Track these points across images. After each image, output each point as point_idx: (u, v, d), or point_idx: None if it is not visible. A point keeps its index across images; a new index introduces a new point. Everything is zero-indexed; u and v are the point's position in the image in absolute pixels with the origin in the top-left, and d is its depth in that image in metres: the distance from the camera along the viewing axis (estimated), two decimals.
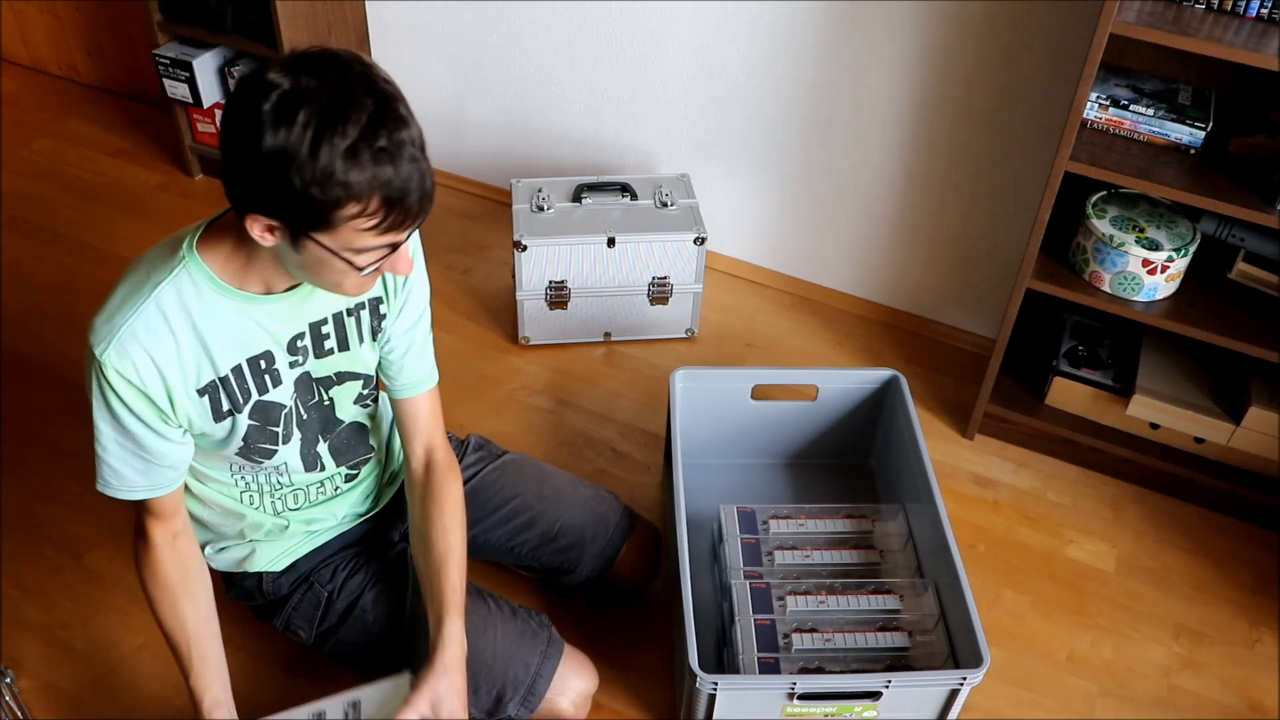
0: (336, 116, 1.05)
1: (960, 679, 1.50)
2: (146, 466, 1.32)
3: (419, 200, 1.11)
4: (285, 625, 1.59)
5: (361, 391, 1.48)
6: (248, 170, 1.08)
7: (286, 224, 1.12)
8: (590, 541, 1.71)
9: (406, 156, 1.08)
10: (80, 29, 3.11)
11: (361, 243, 1.13)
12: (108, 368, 1.22)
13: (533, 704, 1.53)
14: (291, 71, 1.07)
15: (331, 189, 1.06)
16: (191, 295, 1.24)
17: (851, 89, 2.24)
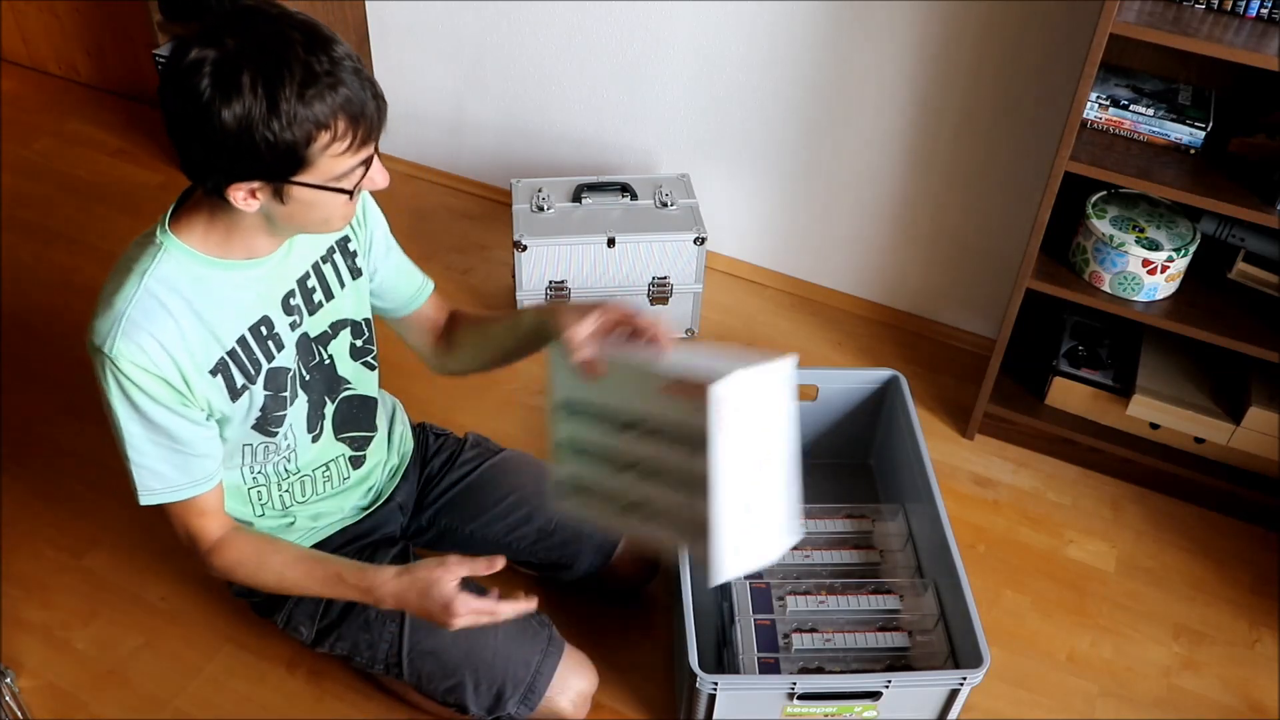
0: (277, 63, 1.07)
1: (960, 679, 1.50)
2: (184, 460, 1.32)
3: (376, 106, 1.15)
4: (286, 622, 1.59)
5: (355, 342, 1.49)
6: (214, 149, 1.10)
7: (267, 179, 1.14)
8: (588, 536, 1.72)
9: (349, 70, 1.12)
10: (80, 29, 3.11)
11: (340, 167, 1.15)
12: (121, 360, 1.21)
13: (532, 702, 1.53)
14: (211, 40, 1.07)
15: (300, 128, 1.09)
16: (178, 274, 1.24)
17: (852, 88, 2.24)
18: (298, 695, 1.73)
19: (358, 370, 1.52)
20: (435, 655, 1.53)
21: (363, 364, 1.52)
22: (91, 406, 2.19)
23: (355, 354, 1.50)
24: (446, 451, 1.76)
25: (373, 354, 1.54)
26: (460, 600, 1.33)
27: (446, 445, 1.77)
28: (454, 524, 1.73)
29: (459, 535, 1.74)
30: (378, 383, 1.59)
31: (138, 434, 1.28)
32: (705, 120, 2.44)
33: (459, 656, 1.52)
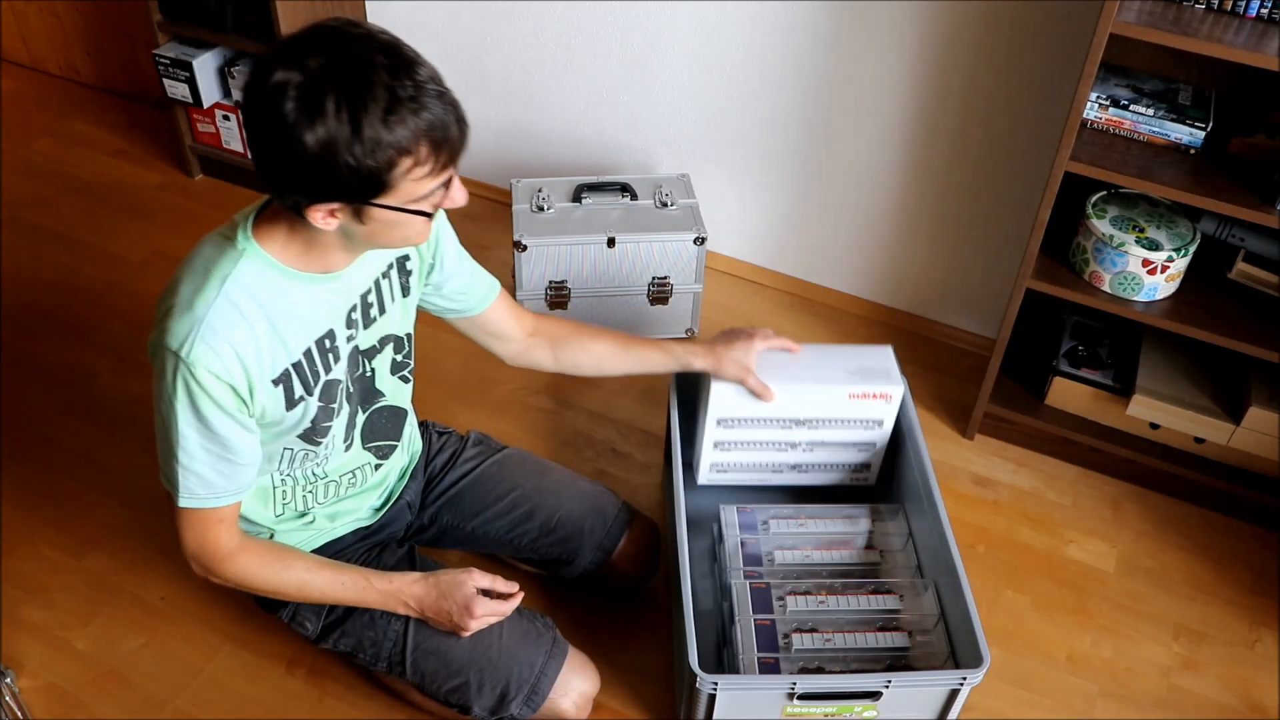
0: (361, 87, 1.07)
1: (960, 679, 1.50)
2: (232, 469, 1.31)
3: (458, 130, 1.16)
4: (292, 616, 1.59)
5: (396, 357, 1.50)
6: (295, 170, 1.10)
7: (347, 201, 1.14)
8: (589, 533, 1.72)
9: (432, 94, 1.12)
10: (80, 29, 3.11)
11: (421, 190, 1.16)
12: (197, 366, 1.20)
13: (536, 703, 1.53)
14: (295, 62, 1.07)
15: (383, 154, 1.09)
16: (258, 283, 1.24)
17: (851, 88, 2.24)
18: (298, 695, 1.73)
19: (395, 384, 1.53)
20: (439, 655, 1.53)
21: (399, 378, 1.53)
22: (91, 406, 2.19)
23: (394, 368, 1.51)
24: (449, 450, 1.77)
25: (409, 368, 1.55)
26: (479, 601, 1.45)
27: (449, 444, 1.78)
28: (456, 521, 1.73)
29: (461, 532, 1.74)
30: (411, 396, 1.59)
31: (193, 440, 1.27)
32: (705, 120, 2.44)
33: (463, 657, 1.52)
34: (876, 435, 1.87)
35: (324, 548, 1.57)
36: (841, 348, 1.88)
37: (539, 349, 1.66)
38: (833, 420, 1.84)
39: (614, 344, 1.68)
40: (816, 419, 1.82)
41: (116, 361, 2.31)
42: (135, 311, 2.44)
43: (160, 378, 1.24)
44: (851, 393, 1.78)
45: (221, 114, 2.71)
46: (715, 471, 1.86)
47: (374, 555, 1.60)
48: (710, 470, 1.87)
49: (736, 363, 1.68)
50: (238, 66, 2.62)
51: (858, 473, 1.93)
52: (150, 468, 2.06)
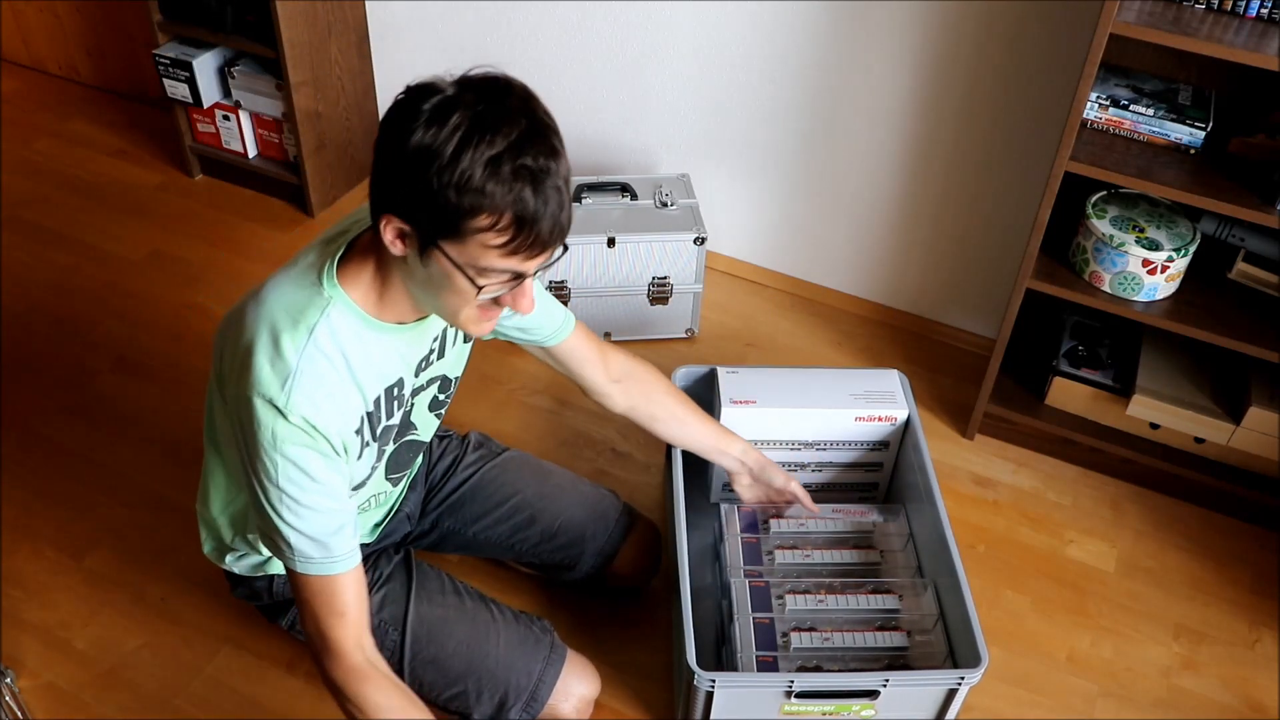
0: (487, 126, 1.06)
1: (958, 679, 1.50)
2: (339, 524, 1.25)
3: (551, 228, 1.10)
4: (291, 624, 1.59)
5: (439, 396, 1.49)
6: (392, 165, 1.10)
7: (418, 228, 1.11)
8: (590, 539, 1.72)
9: (549, 184, 1.09)
10: (80, 29, 3.11)
11: (486, 261, 1.11)
12: (296, 416, 1.17)
13: (535, 710, 1.53)
14: (460, 84, 1.09)
15: (467, 195, 1.06)
16: (343, 330, 1.22)
17: (852, 88, 2.24)
18: (298, 695, 1.73)
19: (428, 419, 1.51)
20: (437, 664, 1.52)
21: (435, 414, 1.52)
22: (91, 406, 2.19)
23: (433, 405, 1.49)
24: (450, 455, 1.76)
25: (446, 406, 1.54)
26: None
27: (450, 448, 1.77)
28: (457, 526, 1.73)
29: (462, 537, 1.74)
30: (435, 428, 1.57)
31: (298, 495, 1.21)
32: (705, 120, 2.44)
33: (461, 666, 1.52)
34: (883, 457, 1.88)
35: None
36: (848, 371, 1.91)
37: (618, 391, 1.66)
38: (839, 443, 1.86)
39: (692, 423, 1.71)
40: (823, 441, 1.85)
41: (116, 361, 2.31)
42: (135, 311, 2.44)
43: (254, 428, 1.19)
44: (858, 416, 1.81)
45: (221, 114, 2.71)
46: (727, 490, 1.87)
47: (370, 563, 1.59)
48: (721, 489, 1.88)
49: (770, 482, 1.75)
50: (238, 66, 2.62)
51: (864, 494, 1.95)
52: (150, 467, 2.07)
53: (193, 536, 1.91)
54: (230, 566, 1.55)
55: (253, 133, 2.75)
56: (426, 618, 1.54)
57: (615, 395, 1.66)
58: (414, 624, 1.53)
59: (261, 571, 1.55)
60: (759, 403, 1.81)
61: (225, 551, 1.53)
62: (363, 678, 1.28)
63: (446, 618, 1.55)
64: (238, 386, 1.20)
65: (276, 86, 2.57)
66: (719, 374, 1.86)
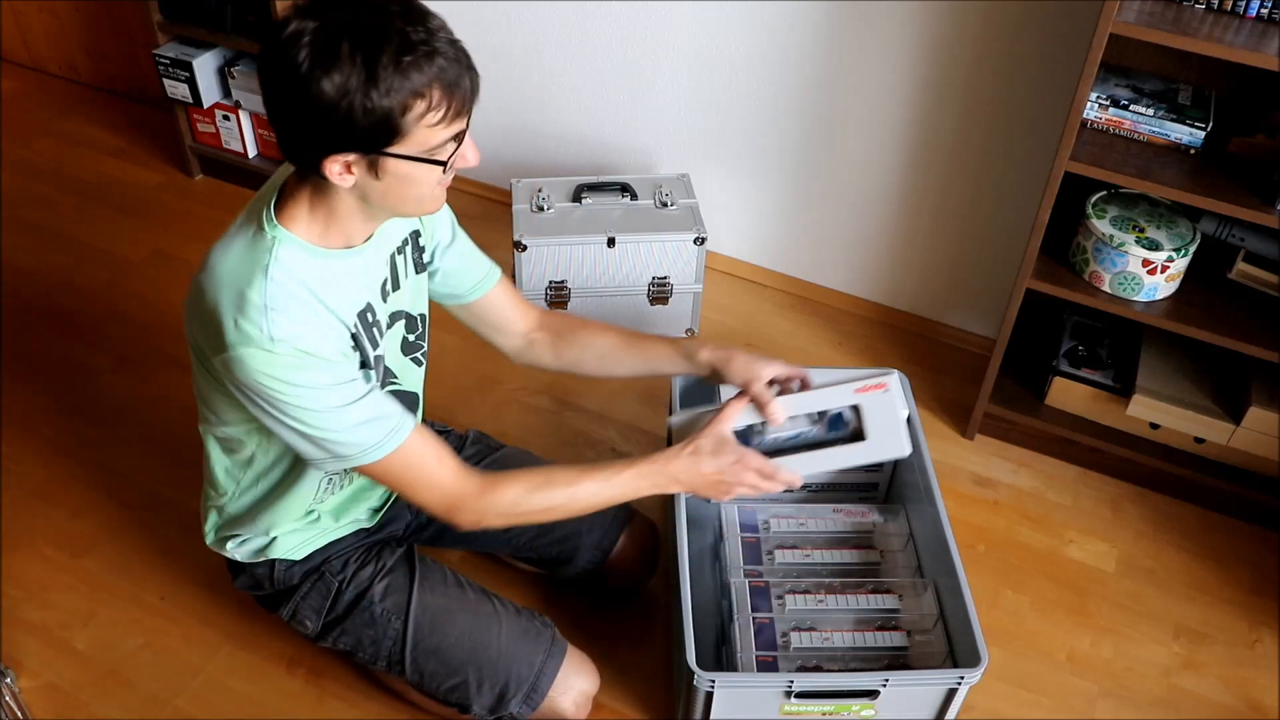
0: (376, 35, 1.08)
1: (958, 678, 1.50)
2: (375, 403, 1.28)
3: (470, 78, 1.17)
4: (292, 615, 1.59)
5: (407, 336, 1.48)
6: (311, 120, 1.11)
7: (363, 151, 1.14)
8: (587, 532, 1.72)
9: (444, 41, 1.14)
10: (80, 29, 3.11)
11: (434, 139, 1.16)
12: (281, 346, 1.19)
13: (535, 702, 1.53)
14: (310, 13, 1.09)
15: (397, 95, 1.10)
16: (296, 264, 1.23)
17: (852, 88, 2.24)
18: (298, 695, 1.73)
19: (404, 365, 1.50)
20: (438, 654, 1.53)
21: (411, 359, 1.51)
22: (91, 406, 2.19)
23: (405, 348, 1.49)
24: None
25: (422, 350, 1.54)
26: (750, 454, 1.44)
27: (448, 442, 1.77)
28: None
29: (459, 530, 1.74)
30: (423, 380, 1.57)
31: (325, 404, 1.23)
32: (705, 120, 2.44)
33: (463, 655, 1.53)
34: None
35: (325, 548, 1.57)
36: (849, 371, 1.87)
37: (541, 344, 1.62)
38: None
39: (619, 339, 1.63)
40: None
41: (116, 361, 2.31)
42: (135, 311, 2.44)
43: (253, 377, 1.20)
44: None
45: (221, 114, 2.71)
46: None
47: (374, 554, 1.60)
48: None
49: (745, 366, 1.55)
50: (238, 66, 2.62)
51: (864, 494, 1.94)
52: (150, 467, 2.07)
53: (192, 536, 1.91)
54: (232, 553, 1.55)
55: (253, 133, 2.75)
56: (429, 606, 1.55)
57: (540, 349, 1.63)
58: (417, 612, 1.54)
59: (264, 556, 1.55)
60: None
61: (228, 539, 1.54)
62: (482, 492, 1.36)
63: (449, 607, 1.56)
64: (218, 349, 1.21)
65: None
66: None
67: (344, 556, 1.58)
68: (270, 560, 1.55)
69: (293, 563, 1.56)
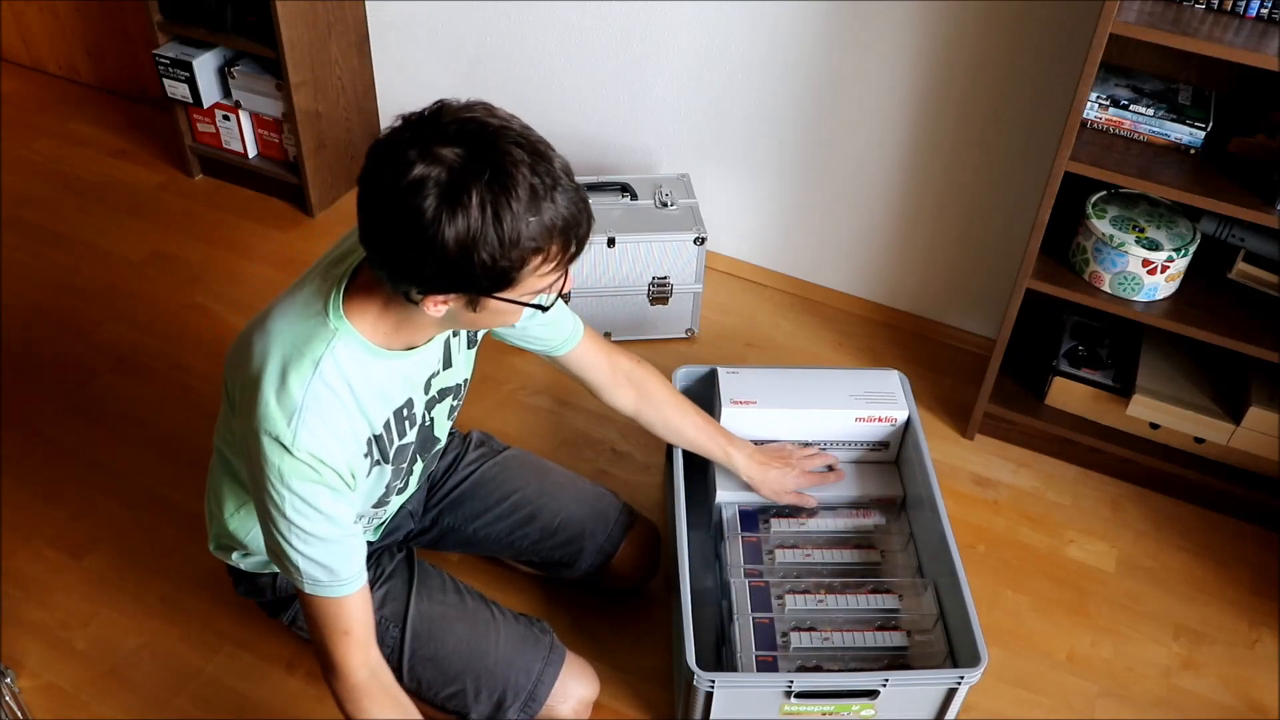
0: (505, 182, 1.05)
1: (958, 678, 1.50)
2: (347, 551, 1.28)
3: (588, 225, 1.14)
4: (293, 620, 1.59)
5: (454, 404, 1.50)
6: (427, 264, 1.07)
7: (466, 294, 1.12)
8: (590, 536, 1.72)
9: (568, 189, 1.10)
10: (80, 29, 3.11)
11: (542, 285, 1.15)
12: (302, 452, 1.18)
13: (533, 709, 1.53)
14: (432, 152, 1.04)
15: (520, 251, 1.07)
16: (348, 362, 1.22)
17: (851, 88, 2.24)
18: (298, 695, 1.73)
19: (447, 426, 1.53)
20: (436, 662, 1.52)
21: (449, 419, 1.53)
22: (91, 406, 2.19)
23: (450, 413, 1.51)
24: (451, 453, 1.76)
25: (460, 407, 1.55)
26: None
27: (451, 446, 1.77)
28: (457, 523, 1.73)
29: (462, 535, 1.74)
30: None
31: (306, 525, 1.23)
32: (705, 120, 2.44)
33: (460, 664, 1.52)
34: (883, 458, 1.88)
35: None
36: (849, 371, 1.90)
37: (625, 398, 1.69)
38: (839, 443, 1.85)
39: (693, 429, 1.73)
40: (823, 442, 1.85)
41: (116, 361, 2.31)
42: (135, 311, 2.44)
43: (261, 462, 1.20)
44: (858, 416, 1.81)
45: (221, 114, 2.71)
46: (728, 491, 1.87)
47: (373, 560, 1.59)
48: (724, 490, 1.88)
49: (777, 482, 1.77)
50: (238, 66, 2.62)
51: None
52: (150, 467, 2.07)
53: (192, 536, 1.92)
54: (236, 563, 1.55)
55: (253, 133, 2.75)
56: (427, 615, 1.54)
57: (621, 399, 1.69)
58: (414, 621, 1.53)
59: (267, 569, 1.55)
60: (759, 403, 1.81)
61: (232, 549, 1.54)
62: (364, 694, 1.32)
63: (447, 615, 1.55)
64: (246, 420, 1.21)
65: (276, 86, 2.57)
66: (719, 374, 1.86)
67: None
68: (273, 570, 1.55)
69: None
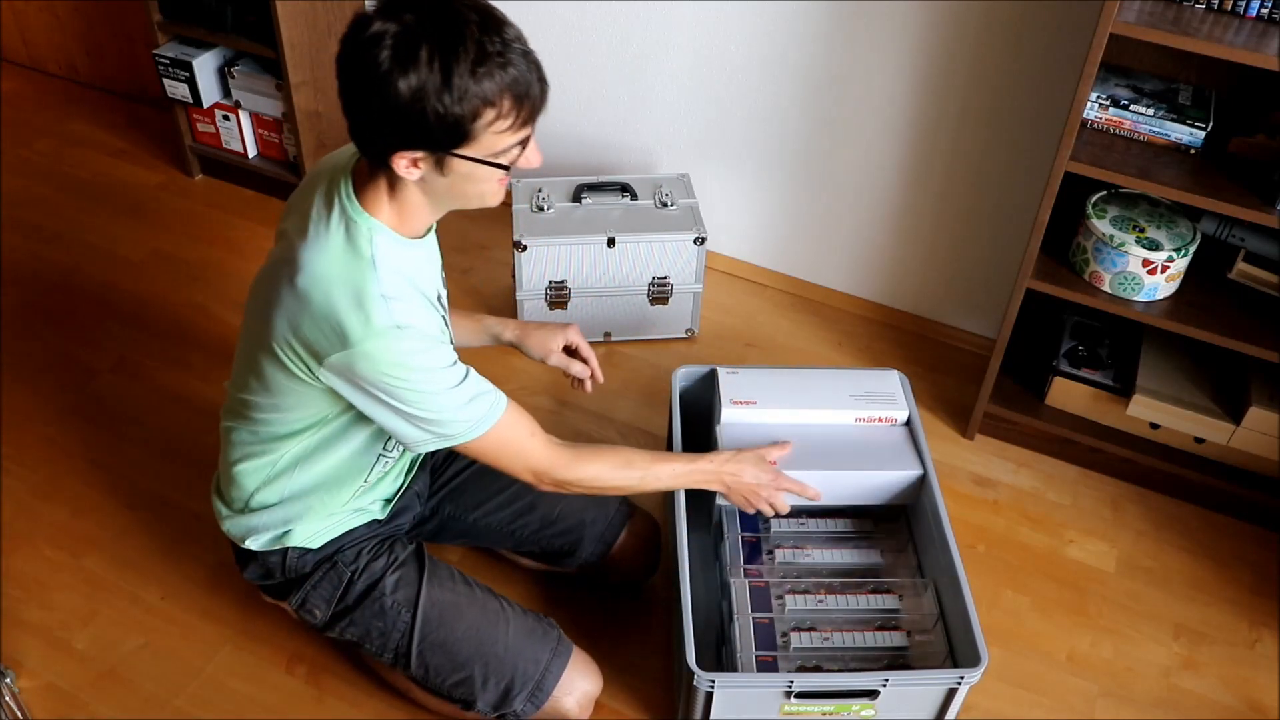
0: (454, 40, 1.14)
1: (958, 678, 1.50)
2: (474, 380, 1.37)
3: (540, 88, 1.21)
4: (301, 603, 1.59)
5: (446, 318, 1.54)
6: (386, 117, 1.17)
7: (431, 150, 1.20)
8: (590, 524, 1.74)
9: (519, 52, 1.18)
10: (80, 29, 3.11)
11: (501, 144, 1.22)
12: (408, 328, 1.27)
13: (539, 700, 1.54)
14: (392, 14, 1.14)
15: (469, 103, 1.16)
16: (391, 250, 1.30)
17: (852, 88, 2.24)
18: (298, 695, 1.73)
19: None
20: (445, 648, 1.53)
21: None
22: (91, 406, 2.19)
23: None
24: None
25: None
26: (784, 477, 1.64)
27: None
28: (457, 512, 1.74)
29: (463, 524, 1.75)
30: None
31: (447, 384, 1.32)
32: (705, 120, 2.44)
33: (469, 650, 1.53)
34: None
35: (340, 538, 1.58)
36: (849, 371, 1.90)
37: None
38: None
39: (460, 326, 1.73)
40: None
41: (116, 361, 2.31)
42: (135, 311, 2.44)
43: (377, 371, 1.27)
44: (858, 417, 1.80)
45: (221, 114, 2.71)
46: None
47: (386, 546, 1.60)
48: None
49: (542, 343, 1.74)
50: (238, 66, 2.62)
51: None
52: (150, 467, 2.07)
53: (192, 536, 1.92)
54: (249, 544, 1.55)
55: (253, 133, 2.75)
56: (438, 600, 1.56)
57: None
58: (425, 606, 1.55)
59: (279, 545, 1.55)
60: (759, 403, 1.81)
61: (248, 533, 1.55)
62: (570, 466, 1.47)
63: (457, 603, 1.57)
64: (343, 346, 1.26)
65: (276, 86, 2.57)
66: (719, 374, 1.86)
67: (357, 547, 1.59)
68: (284, 549, 1.56)
69: (307, 551, 1.56)
